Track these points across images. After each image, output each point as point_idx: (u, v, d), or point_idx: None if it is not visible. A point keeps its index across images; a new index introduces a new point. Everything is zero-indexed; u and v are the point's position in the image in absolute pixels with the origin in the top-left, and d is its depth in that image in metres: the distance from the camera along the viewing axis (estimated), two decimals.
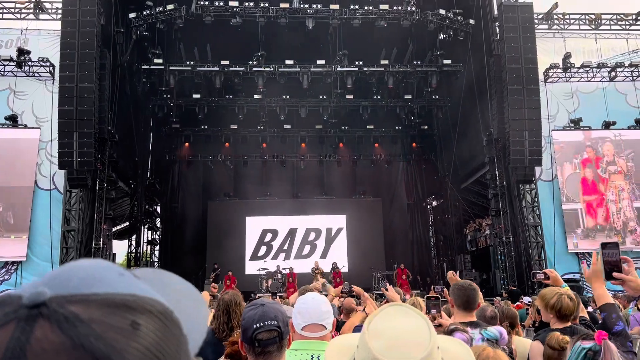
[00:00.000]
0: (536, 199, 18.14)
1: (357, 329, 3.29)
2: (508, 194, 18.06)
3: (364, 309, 4.17)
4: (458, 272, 20.32)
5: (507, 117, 16.91)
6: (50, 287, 0.46)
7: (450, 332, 1.96)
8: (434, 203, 26.57)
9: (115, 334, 0.44)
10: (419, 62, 20.62)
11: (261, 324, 1.77)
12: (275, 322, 1.80)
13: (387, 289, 4.16)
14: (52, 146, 16.99)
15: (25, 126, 17.93)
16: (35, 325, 0.43)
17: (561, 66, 19.46)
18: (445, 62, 20.03)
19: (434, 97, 22.78)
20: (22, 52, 17.85)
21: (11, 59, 17.81)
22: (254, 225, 23.69)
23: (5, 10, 18.89)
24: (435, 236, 26.26)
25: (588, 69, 19.58)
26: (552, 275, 3.90)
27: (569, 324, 3.42)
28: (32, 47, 18.13)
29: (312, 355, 2.22)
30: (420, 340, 1.02)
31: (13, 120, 17.74)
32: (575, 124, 19.46)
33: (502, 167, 18.19)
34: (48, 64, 17.96)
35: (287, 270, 19.31)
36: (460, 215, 23.53)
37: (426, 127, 25.11)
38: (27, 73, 18.15)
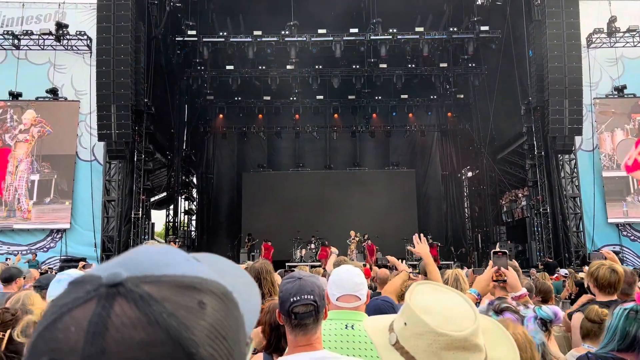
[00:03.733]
0: (575, 170, 17.68)
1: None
2: (546, 165, 17.66)
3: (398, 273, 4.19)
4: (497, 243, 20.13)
5: (547, 85, 16.38)
6: (125, 268, 0.50)
7: (500, 310, 1.94)
8: (469, 174, 26.20)
9: (185, 312, 0.48)
10: (455, 29, 20.03)
11: (298, 298, 1.82)
12: (312, 297, 1.83)
13: (415, 245, 3.80)
14: (92, 118, 17.40)
15: (65, 99, 18.38)
16: (114, 302, 0.47)
17: (605, 31, 18.61)
18: (483, 28, 19.43)
19: (470, 65, 22.16)
20: (60, 26, 18.16)
21: (50, 33, 18.17)
22: (287, 196, 23.89)
23: None
24: (470, 207, 25.97)
25: (634, 33, 18.66)
26: (609, 256, 3.88)
27: (615, 297, 3.35)
28: (69, 21, 18.42)
29: (346, 325, 2.27)
30: (467, 312, 1.09)
31: (54, 93, 18.21)
32: (619, 91, 18.69)
33: (540, 136, 17.76)
34: (85, 37, 18.25)
35: (321, 243, 19.48)
36: (496, 186, 23.17)
37: (462, 96, 24.55)
38: (66, 47, 18.50)
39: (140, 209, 17.23)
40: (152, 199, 20.58)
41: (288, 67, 21.68)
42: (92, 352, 0.44)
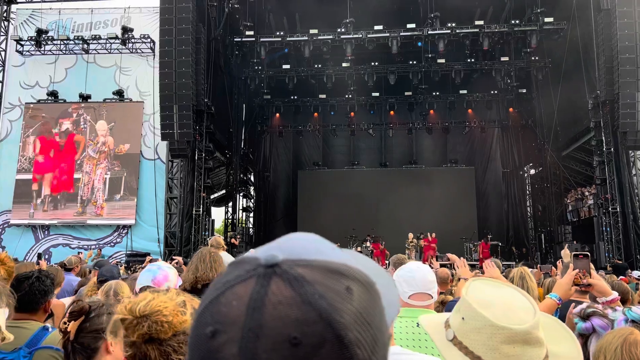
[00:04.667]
0: None
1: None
2: (615, 161, 16.78)
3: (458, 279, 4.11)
4: (565, 244, 19.34)
5: (617, 78, 15.56)
6: (281, 251, 0.54)
7: (586, 316, 1.84)
8: (532, 171, 25.27)
9: (335, 295, 0.51)
10: (517, 22, 19.36)
11: None
12: None
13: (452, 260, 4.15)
14: (155, 118, 18.05)
15: (131, 100, 19.18)
16: (271, 281, 0.51)
17: None
18: (547, 20, 18.67)
19: (533, 58, 21.34)
20: (125, 30, 18.99)
21: (116, 37, 19.01)
22: (342, 194, 23.90)
23: None
24: (532, 206, 25.06)
25: None
26: None
27: None
28: (134, 25, 19.22)
29: (417, 323, 2.22)
30: (526, 306, 1.09)
31: (120, 95, 19.05)
32: None
33: (609, 132, 16.88)
34: (149, 40, 18.97)
35: (374, 240, 19.36)
36: (561, 184, 22.22)
37: (524, 91, 23.68)
38: (131, 50, 19.30)
39: (201, 206, 17.72)
40: (212, 197, 21.11)
41: (344, 64, 21.66)
42: (251, 325, 0.49)
